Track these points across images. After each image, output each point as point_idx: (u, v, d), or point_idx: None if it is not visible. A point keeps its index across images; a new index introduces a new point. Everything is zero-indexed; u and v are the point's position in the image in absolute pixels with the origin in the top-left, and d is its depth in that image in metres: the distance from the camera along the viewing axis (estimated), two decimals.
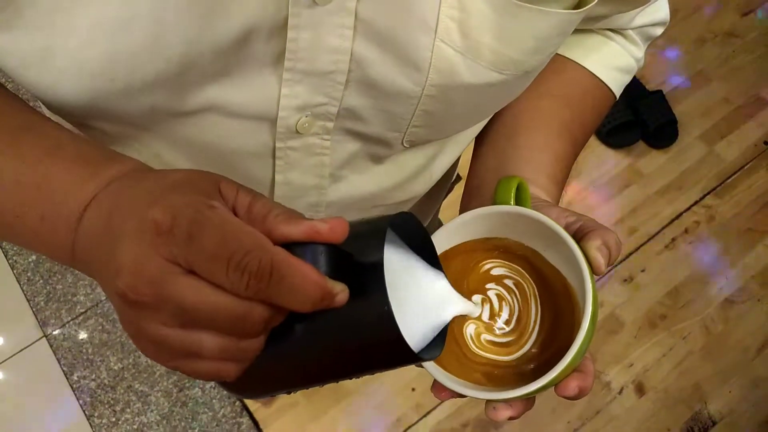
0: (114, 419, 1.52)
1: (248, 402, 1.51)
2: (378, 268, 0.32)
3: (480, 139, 0.63)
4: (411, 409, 1.52)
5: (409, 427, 1.50)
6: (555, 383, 0.42)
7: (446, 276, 0.42)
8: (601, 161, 1.81)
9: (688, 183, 1.79)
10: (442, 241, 0.48)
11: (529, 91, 0.54)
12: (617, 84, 0.64)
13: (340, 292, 0.32)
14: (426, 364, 0.43)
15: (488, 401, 0.44)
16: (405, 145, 0.53)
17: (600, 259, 0.43)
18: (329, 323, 0.33)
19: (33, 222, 0.39)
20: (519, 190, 0.48)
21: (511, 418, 0.44)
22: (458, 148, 0.63)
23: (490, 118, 0.61)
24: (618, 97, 0.66)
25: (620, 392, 1.55)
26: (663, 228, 1.74)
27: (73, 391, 1.54)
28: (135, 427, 1.51)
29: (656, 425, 1.52)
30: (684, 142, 1.84)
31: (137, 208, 0.32)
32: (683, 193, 1.78)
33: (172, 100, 0.43)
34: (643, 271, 1.68)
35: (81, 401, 1.53)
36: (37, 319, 1.60)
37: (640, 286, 1.66)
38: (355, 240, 0.33)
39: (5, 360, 1.56)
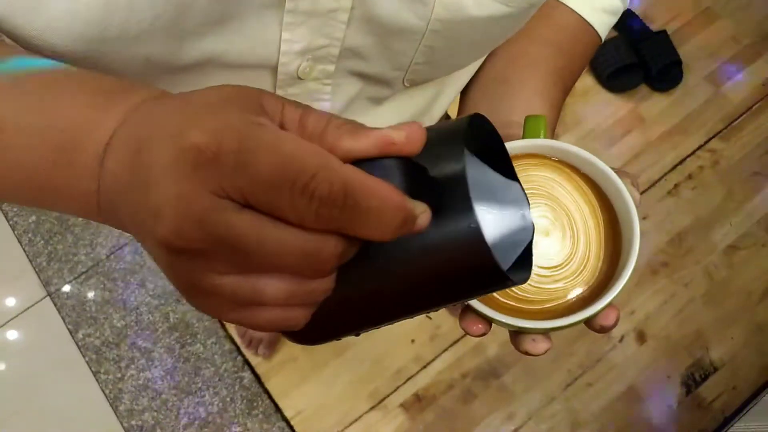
0: (120, 375, 1.55)
1: (249, 356, 1.53)
2: (461, 182, 0.28)
3: (469, 83, 0.62)
4: (411, 361, 1.53)
5: (410, 378, 1.51)
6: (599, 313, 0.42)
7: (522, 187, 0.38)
8: (602, 106, 1.76)
9: (693, 127, 1.74)
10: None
11: (520, 35, 0.53)
12: (604, 27, 0.62)
13: (423, 212, 0.27)
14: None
15: (526, 334, 0.43)
16: (405, 84, 0.52)
17: (636, 193, 0.45)
18: (408, 249, 0.29)
19: (45, 170, 0.32)
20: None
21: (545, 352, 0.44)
22: (456, 88, 0.62)
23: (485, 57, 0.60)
24: (603, 40, 0.63)
25: (621, 340, 1.55)
26: (665, 174, 1.70)
27: (79, 348, 1.57)
28: (140, 382, 1.54)
29: (657, 373, 1.52)
30: (689, 84, 1.78)
31: (169, 135, 0.26)
32: (687, 138, 1.73)
33: (169, 51, 0.41)
34: (644, 218, 1.65)
35: (87, 358, 1.56)
36: (40, 279, 1.62)
37: (641, 233, 1.63)
38: (428, 150, 0.28)
39: (11, 319, 1.59)
